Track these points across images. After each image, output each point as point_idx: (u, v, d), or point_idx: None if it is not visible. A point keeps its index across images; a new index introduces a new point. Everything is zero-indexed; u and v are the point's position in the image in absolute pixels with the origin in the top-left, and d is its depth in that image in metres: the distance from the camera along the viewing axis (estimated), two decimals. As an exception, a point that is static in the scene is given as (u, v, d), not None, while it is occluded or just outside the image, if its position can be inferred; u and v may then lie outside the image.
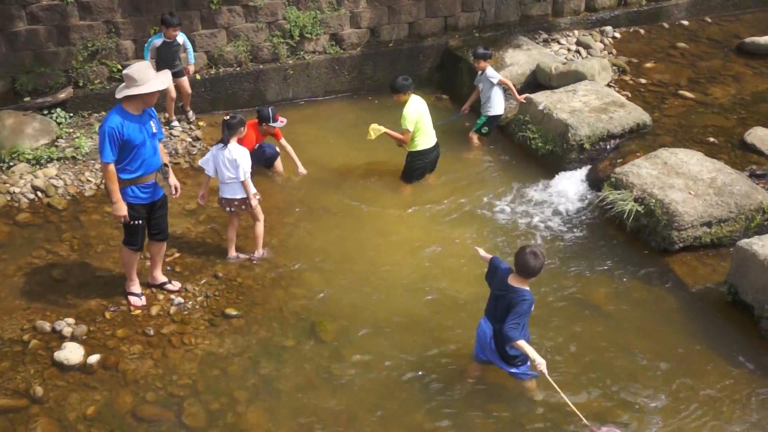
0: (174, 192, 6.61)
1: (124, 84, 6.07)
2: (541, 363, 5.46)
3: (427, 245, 7.79)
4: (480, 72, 9.65)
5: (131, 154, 6.11)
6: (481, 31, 11.72)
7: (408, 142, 8.56)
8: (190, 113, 9.89)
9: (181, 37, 9.23)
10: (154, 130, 6.30)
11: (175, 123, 9.73)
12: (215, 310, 6.80)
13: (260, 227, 7.54)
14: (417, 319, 6.75)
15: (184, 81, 9.56)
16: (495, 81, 9.54)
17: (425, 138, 8.63)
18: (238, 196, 7.30)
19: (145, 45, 9.21)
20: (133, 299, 6.79)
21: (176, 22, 9.07)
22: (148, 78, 6.04)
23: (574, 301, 7.04)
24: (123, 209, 6.20)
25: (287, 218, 8.19)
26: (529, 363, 5.70)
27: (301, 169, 8.75)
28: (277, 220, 8.12)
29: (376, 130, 8.50)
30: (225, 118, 7.36)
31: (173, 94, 9.51)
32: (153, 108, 6.33)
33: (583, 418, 5.45)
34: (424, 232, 8.01)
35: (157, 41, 9.09)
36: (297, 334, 6.59)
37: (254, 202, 7.32)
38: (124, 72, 6.07)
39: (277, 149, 8.90)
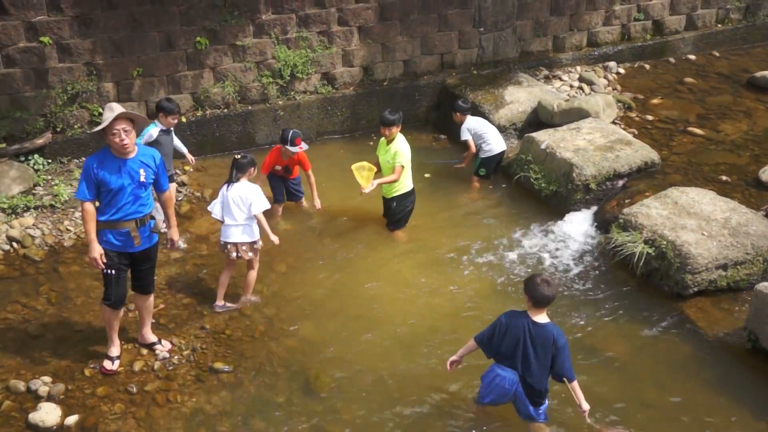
0: (169, 245, 6.67)
1: None
2: (587, 409, 5.76)
3: (425, 293, 7.77)
4: (460, 124, 9.93)
5: (107, 197, 6.10)
6: (479, 69, 11.89)
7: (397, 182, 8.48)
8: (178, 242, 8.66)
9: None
10: (142, 179, 6.15)
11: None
12: (202, 365, 6.74)
13: (254, 275, 7.56)
14: (415, 369, 6.70)
15: (173, 189, 8.77)
16: (462, 137, 9.85)
17: (410, 177, 8.66)
18: (248, 240, 7.33)
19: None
20: (105, 363, 6.64)
21: (177, 110, 8.42)
22: (107, 117, 5.96)
23: (583, 350, 6.99)
24: (95, 250, 6.11)
25: (278, 266, 8.17)
26: (546, 404, 5.86)
27: (317, 204, 8.92)
28: (267, 267, 8.10)
29: (363, 173, 8.38)
30: (236, 157, 7.45)
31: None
32: (159, 156, 6.34)
33: None
34: (422, 279, 7.99)
35: (154, 131, 8.22)
36: (289, 389, 6.53)
37: (274, 238, 7.38)
38: None
39: (302, 193, 9.12)
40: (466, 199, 9.63)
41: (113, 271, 6.30)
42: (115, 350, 6.69)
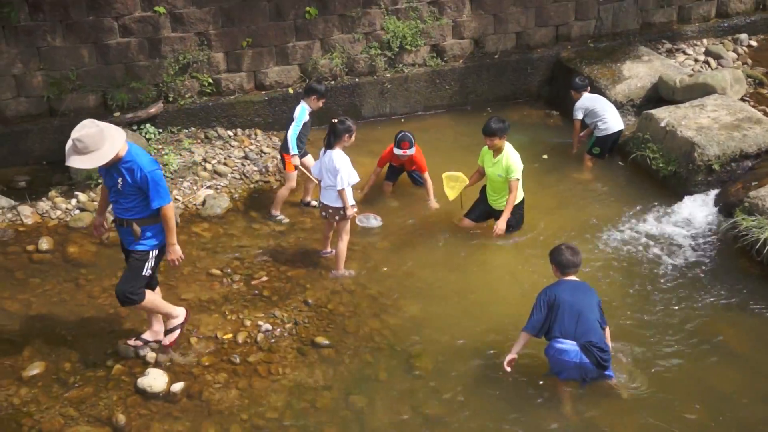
0: (171, 264, 6.39)
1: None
2: None
3: (532, 277, 7.64)
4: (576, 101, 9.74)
5: None
6: (596, 41, 11.55)
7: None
8: (313, 202, 8.82)
9: None
10: (119, 187, 5.96)
11: (281, 217, 8.61)
12: (304, 339, 6.87)
13: (343, 246, 7.61)
14: (519, 357, 6.63)
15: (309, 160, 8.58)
16: (574, 116, 9.68)
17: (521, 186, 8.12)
18: (333, 204, 7.45)
19: (293, 129, 8.21)
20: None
21: (324, 90, 8.33)
22: (88, 145, 5.72)
23: (701, 341, 6.77)
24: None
25: (383, 242, 8.22)
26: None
27: (432, 203, 8.77)
28: (371, 244, 8.16)
29: (453, 183, 8.11)
30: (333, 121, 7.48)
31: (293, 183, 8.52)
32: (148, 173, 5.88)
33: None
34: (530, 263, 7.87)
35: (306, 114, 8.22)
36: (391, 367, 6.57)
37: (349, 212, 7.43)
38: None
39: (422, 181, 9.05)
40: (577, 179, 9.42)
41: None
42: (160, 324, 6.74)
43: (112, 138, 5.81)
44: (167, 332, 6.68)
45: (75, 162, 5.77)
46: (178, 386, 6.29)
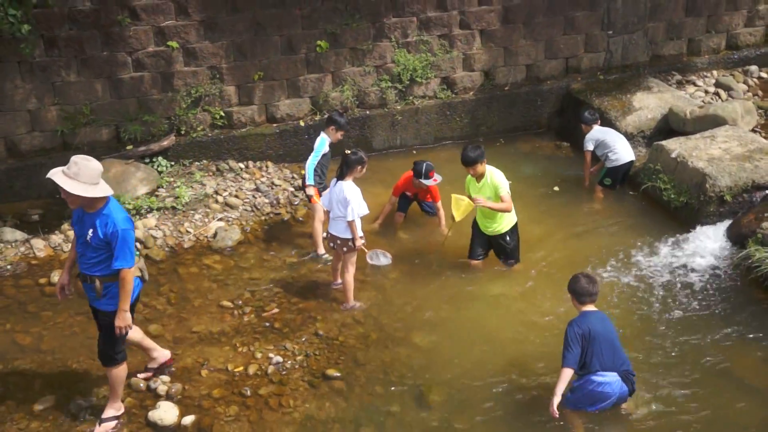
0: (117, 331, 5.92)
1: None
2: None
3: (543, 308, 7.65)
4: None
5: None
6: (606, 73, 11.64)
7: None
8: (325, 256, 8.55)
9: None
10: (88, 239, 5.75)
11: (326, 256, 8.47)
12: (315, 371, 6.87)
13: (349, 277, 7.63)
14: (530, 388, 6.61)
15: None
16: (584, 148, 9.74)
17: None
18: (341, 235, 7.49)
19: (311, 159, 8.29)
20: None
21: (344, 123, 8.41)
22: (79, 172, 5.64)
23: (715, 373, 6.74)
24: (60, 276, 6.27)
25: (392, 274, 8.25)
26: None
27: (444, 230, 8.81)
28: (383, 275, 8.19)
29: (462, 203, 8.00)
30: (346, 152, 7.57)
31: (321, 214, 8.33)
32: (119, 230, 5.68)
33: None
34: (541, 293, 7.87)
35: (326, 145, 8.34)
36: (402, 399, 6.56)
37: (358, 243, 7.47)
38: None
39: (435, 211, 9.16)
40: (588, 210, 9.44)
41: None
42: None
43: (103, 186, 5.71)
44: (104, 421, 6.24)
45: (57, 177, 5.59)
46: (188, 419, 6.31)
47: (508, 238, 8.03)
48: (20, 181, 9.31)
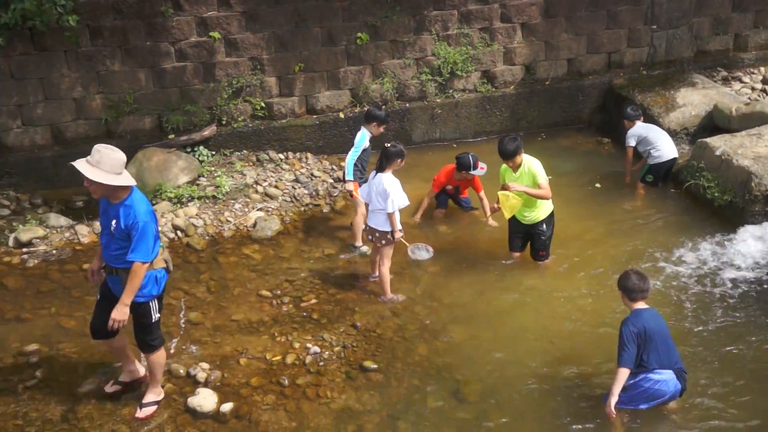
0: (110, 323, 5.82)
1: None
2: None
3: (581, 307, 7.61)
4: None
5: None
6: (649, 69, 11.53)
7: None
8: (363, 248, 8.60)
9: None
10: (112, 229, 5.74)
11: (365, 248, 8.54)
12: (353, 362, 6.91)
13: (385, 270, 7.64)
14: (567, 381, 6.59)
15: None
16: (626, 144, 9.64)
17: None
18: (380, 228, 7.52)
19: (351, 154, 8.29)
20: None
21: (385, 117, 8.43)
22: (101, 160, 5.61)
23: (757, 381, 6.60)
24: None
25: (432, 267, 8.26)
26: None
27: (491, 222, 8.84)
28: (422, 269, 8.21)
29: (510, 201, 7.77)
30: (386, 145, 7.62)
31: (362, 208, 8.27)
32: (141, 220, 5.65)
33: None
34: (580, 292, 7.82)
35: (366, 140, 8.35)
36: (439, 392, 6.57)
37: (397, 235, 7.50)
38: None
39: (474, 206, 9.24)
40: (629, 207, 9.37)
41: (99, 296, 6.21)
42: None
43: (126, 176, 5.71)
44: (144, 405, 6.29)
45: (80, 165, 5.58)
46: (227, 407, 6.38)
47: (544, 226, 8.02)
48: (66, 168, 9.45)
